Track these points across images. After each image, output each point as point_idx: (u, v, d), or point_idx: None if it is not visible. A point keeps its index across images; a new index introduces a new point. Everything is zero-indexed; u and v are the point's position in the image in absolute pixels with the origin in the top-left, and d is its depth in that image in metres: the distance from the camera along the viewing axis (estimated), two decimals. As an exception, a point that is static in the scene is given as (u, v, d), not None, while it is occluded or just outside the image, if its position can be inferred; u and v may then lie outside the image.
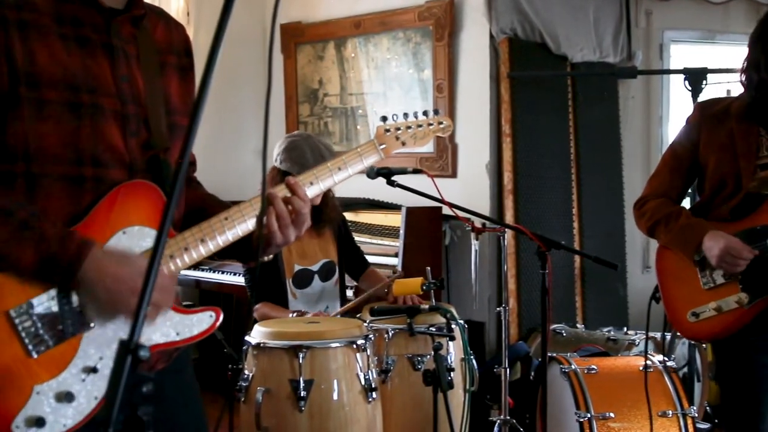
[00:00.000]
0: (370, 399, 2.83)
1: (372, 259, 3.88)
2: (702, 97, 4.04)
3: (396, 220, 4.75)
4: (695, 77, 4.13)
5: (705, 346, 4.05)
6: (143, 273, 1.57)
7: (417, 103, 5.33)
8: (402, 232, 4.62)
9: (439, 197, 3.09)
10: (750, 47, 2.69)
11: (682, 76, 4.20)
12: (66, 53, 1.66)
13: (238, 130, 6.03)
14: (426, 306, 3.18)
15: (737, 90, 2.80)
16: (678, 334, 3.87)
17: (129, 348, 1.06)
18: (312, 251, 3.59)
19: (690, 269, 2.79)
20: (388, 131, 2.01)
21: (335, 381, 2.78)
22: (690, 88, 4.21)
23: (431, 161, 5.25)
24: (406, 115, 2.04)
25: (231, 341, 3.27)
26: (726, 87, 4.39)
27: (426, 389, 2.91)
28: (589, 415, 3.27)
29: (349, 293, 3.84)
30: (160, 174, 1.76)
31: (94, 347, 1.64)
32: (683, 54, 5.77)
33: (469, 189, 5.07)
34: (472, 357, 3.20)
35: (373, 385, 2.84)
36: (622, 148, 5.68)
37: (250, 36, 6.00)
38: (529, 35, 5.14)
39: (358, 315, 3.37)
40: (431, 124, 2.08)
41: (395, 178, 3.22)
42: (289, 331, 2.86)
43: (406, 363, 3.17)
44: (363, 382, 2.82)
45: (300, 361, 2.74)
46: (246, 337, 2.89)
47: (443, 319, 3.12)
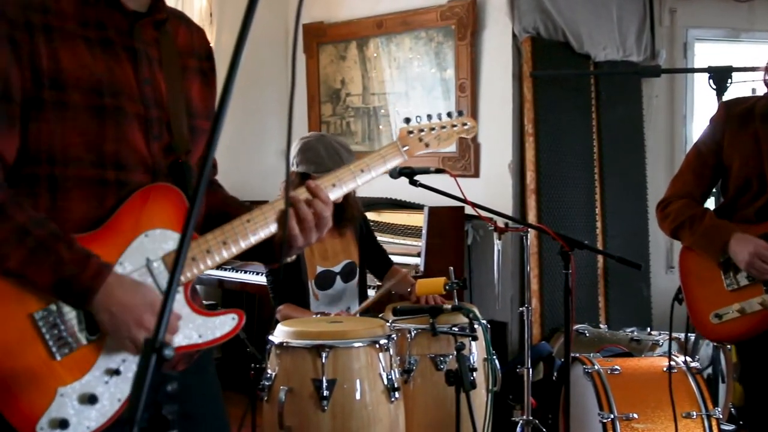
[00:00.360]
0: (392, 399, 2.83)
1: (394, 259, 3.88)
2: (727, 96, 4.02)
3: (418, 219, 4.75)
4: (720, 76, 4.10)
5: (729, 347, 4.02)
6: (151, 306, 1.61)
7: (439, 103, 5.33)
8: (424, 231, 4.61)
9: (462, 197, 3.08)
10: None
11: (706, 74, 4.18)
12: (90, 56, 1.67)
13: (260, 130, 6.05)
14: (449, 306, 3.17)
15: (763, 89, 2.78)
16: (702, 335, 3.85)
17: (154, 347, 1.07)
18: (334, 252, 3.59)
19: (713, 270, 2.77)
20: (411, 133, 2.00)
21: (358, 381, 2.78)
22: (714, 86, 4.19)
23: (454, 161, 5.24)
24: (429, 117, 2.03)
25: (254, 340, 3.28)
26: (751, 86, 4.35)
27: (448, 389, 2.91)
28: (613, 416, 3.26)
29: (371, 293, 3.84)
30: (182, 177, 1.77)
31: (116, 349, 1.64)
32: (708, 52, 5.72)
33: (492, 189, 5.05)
34: (494, 357, 3.20)
35: (396, 385, 2.84)
36: (645, 147, 5.65)
37: (272, 36, 6.01)
38: (552, 34, 5.12)
39: (380, 315, 3.38)
40: (455, 125, 2.06)
41: (418, 177, 3.22)
42: (312, 331, 2.87)
43: (428, 363, 3.17)
44: (385, 381, 2.82)
45: (323, 361, 2.74)
46: (269, 337, 2.90)
47: (466, 319, 3.11)
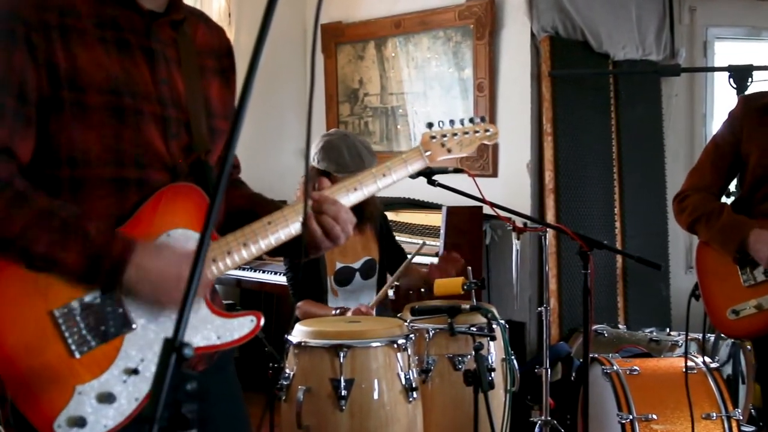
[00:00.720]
0: (410, 399, 2.83)
1: (412, 259, 3.88)
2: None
3: (437, 219, 4.74)
4: (740, 75, 4.08)
5: (750, 347, 4.00)
6: (185, 256, 1.60)
7: (457, 103, 5.32)
8: (442, 231, 4.61)
9: (480, 197, 3.08)
10: None
11: (726, 73, 4.16)
12: (107, 57, 1.67)
13: (278, 130, 6.06)
14: (467, 306, 3.17)
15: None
16: (722, 335, 3.82)
17: (174, 346, 1.07)
18: (353, 249, 3.59)
19: (730, 266, 2.76)
20: (433, 138, 2.00)
21: (376, 380, 2.78)
22: (735, 85, 4.16)
23: (472, 160, 5.24)
24: (452, 122, 2.03)
25: (272, 340, 3.29)
26: (772, 84, 4.32)
27: (466, 389, 2.90)
28: (632, 417, 3.25)
29: (390, 293, 3.84)
30: (203, 177, 1.78)
31: (135, 349, 1.65)
32: (728, 51, 5.69)
33: (510, 188, 5.04)
34: (512, 357, 3.19)
35: (414, 385, 2.84)
36: (665, 147, 5.63)
37: (290, 36, 6.03)
38: (571, 33, 5.10)
39: (399, 314, 3.37)
40: (477, 131, 2.05)
41: (436, 177, 3.22)
42: (330, 330, 2.87)
43: (446, 363, 3.16)
44: (403, 381, 2.82)
45: (341, 361, 2.74)
46: (287, 336, 2.90)
47: (484, 319, 3.10)
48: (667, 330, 4.42)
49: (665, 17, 5.57)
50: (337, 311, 3.35)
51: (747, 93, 2.90)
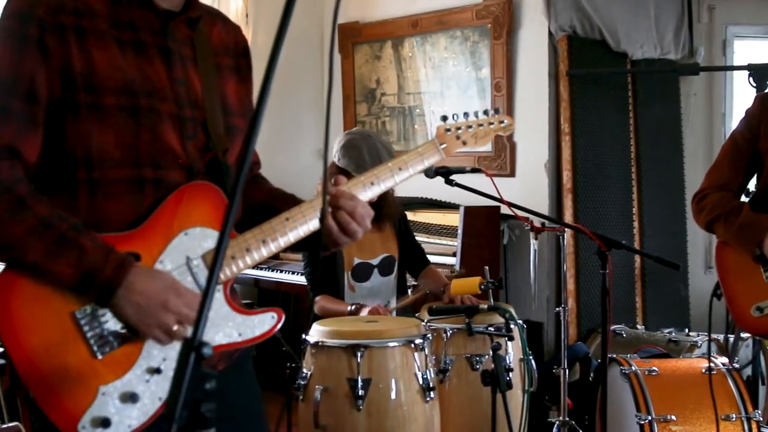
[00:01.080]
0: (427, 398, 2.83)
1: (430, 259, 3.88)
2: (766, 93, 3.96)
3: (454, 219, 4.74)
4: (760, 73, 4.05)
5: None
6: (173, 288, 1.63)
7: (475, 102, 5.31)
8: (460, 231, 4.61)
9: (498, 196, 3.07)
10: None
11: (746, 72, 4.13)
12: (123, 58, 1.68)
13: (296, 130, 6.07)
14: (484, 306, 3.16)
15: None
16: (742, 335, 3.80)
17: (192, 345, 1.07)
18: (372, 245, 3.58)
19: (752, 264, 2.74)
20: (448, 131, 1.99)
21: (393, 380, 2.78)
22: (754, 84, 4.13)
23: (489, 160, 5.23)
24: (466, 115, 2.02)
25: (289, 340, 3.29)
26: (792, 84, 4.29)
27: (484, 389, 2.90)
28: (650, 418, 3.23)
29: (409, 291, 3.84)
30: (220, 176, 1.78)
31: (157, 349, 1.66)
32: (747, 50, 5.65)
33: (528, 188, 5.03)
34: (530, 357, 3.18)
35: (431, 385, 2.84)
36: (683, 146, 5.59)
37: (307, 36, 6.03)
38: (589, 32, 5.08)
39: (416, 314, 3.37)
40: (492, 123, 2.05)
41: (453, 177, 3.22)
42: (348, 330, 2.87)
43: (464, 363, 3.16)
44: (421, 381, 2.82)
45: (358, 360, 2.74)
46: (304, 336, 2.91)
47: (502, 319, 3.10)
48: (686, 330, 4.39)
49: (684, 15, 5.54)
50: (353, 307, 3.34)
51: (764, 92, 2.88)
